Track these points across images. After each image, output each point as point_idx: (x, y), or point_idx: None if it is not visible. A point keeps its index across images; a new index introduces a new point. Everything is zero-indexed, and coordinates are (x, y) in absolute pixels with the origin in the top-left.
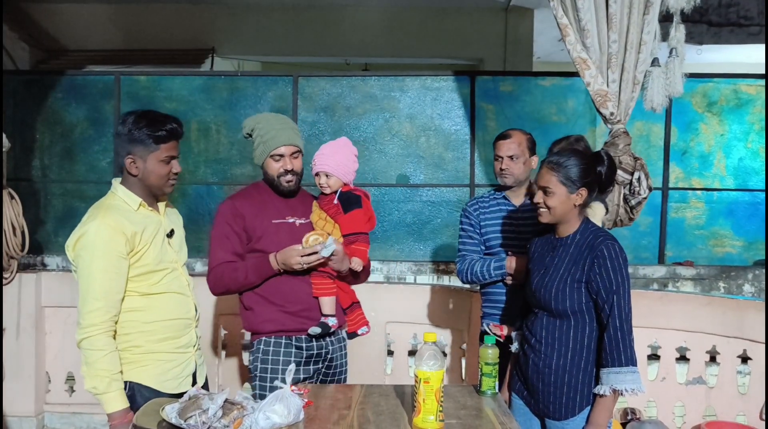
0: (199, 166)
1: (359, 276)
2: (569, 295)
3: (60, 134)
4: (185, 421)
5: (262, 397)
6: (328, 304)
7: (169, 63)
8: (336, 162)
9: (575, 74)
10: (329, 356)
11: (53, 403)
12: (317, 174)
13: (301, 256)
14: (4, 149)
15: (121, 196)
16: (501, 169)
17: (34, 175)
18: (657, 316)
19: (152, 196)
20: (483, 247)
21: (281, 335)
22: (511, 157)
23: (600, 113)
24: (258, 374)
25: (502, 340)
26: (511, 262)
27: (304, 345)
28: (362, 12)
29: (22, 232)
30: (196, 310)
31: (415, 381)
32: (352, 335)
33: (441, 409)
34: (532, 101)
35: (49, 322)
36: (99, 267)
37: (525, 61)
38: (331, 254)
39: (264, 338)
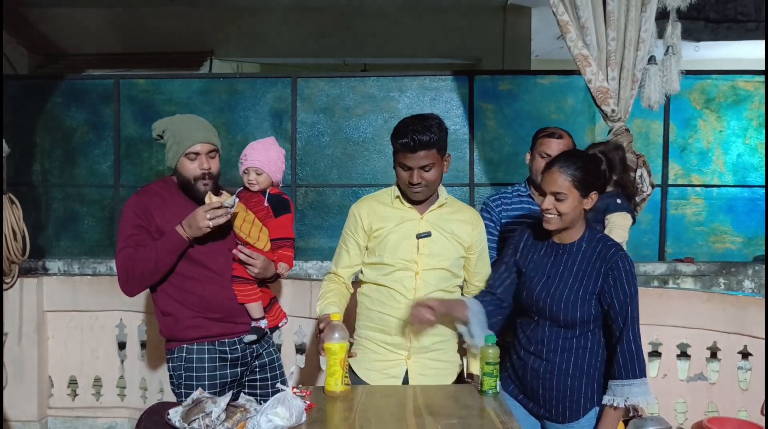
0: None
1: (276, 277)
2: (580, 306)
3: (60, 138)
4: (189, 424)
5: None
6: (255, 308)
7: (168, 66)
8: (268, 158)
9: (574, 72)
10: (254, 354)
11: (56, 408)
12: (246, 170)
13: (207, 212)
14: (4, 154)
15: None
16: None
17: (34, 180)
18: (657, 313)
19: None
20: (497, 245)
21: (203, 341)
22: None
23: (601, 110)
24: (183, 382)
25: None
26: None
27: (227, 348)
28: (360, 13)
29: (23, 237)
30: None
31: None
32: (274, 329)
33: (346, 375)
34: (531, 100)
35: (51, 326)
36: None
37: (523, 59)
38: (233, 206)
39: (186, 345)
